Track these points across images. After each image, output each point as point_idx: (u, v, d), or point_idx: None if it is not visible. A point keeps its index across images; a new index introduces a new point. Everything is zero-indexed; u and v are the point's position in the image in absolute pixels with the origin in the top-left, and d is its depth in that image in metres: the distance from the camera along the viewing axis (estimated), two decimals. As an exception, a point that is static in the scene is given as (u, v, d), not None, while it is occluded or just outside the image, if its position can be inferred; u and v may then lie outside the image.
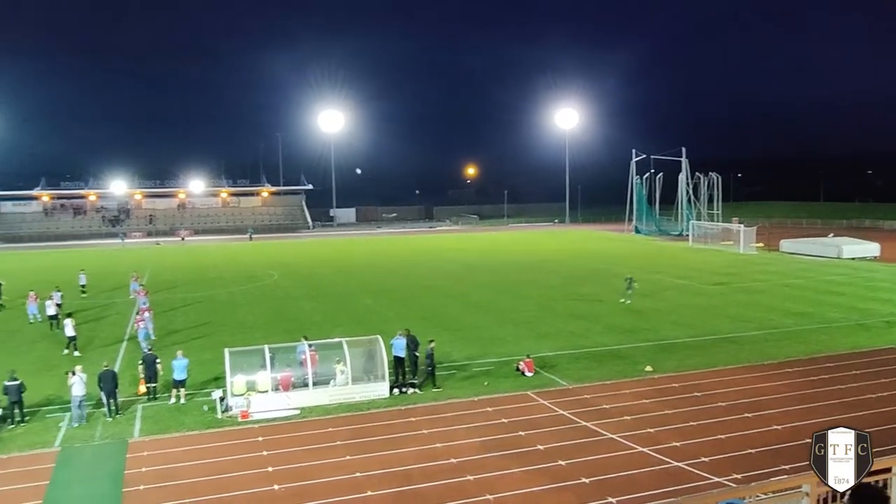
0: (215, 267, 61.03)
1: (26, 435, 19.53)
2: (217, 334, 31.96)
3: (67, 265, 57.97)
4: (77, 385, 20.25)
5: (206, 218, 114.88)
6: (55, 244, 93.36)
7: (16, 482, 16.45)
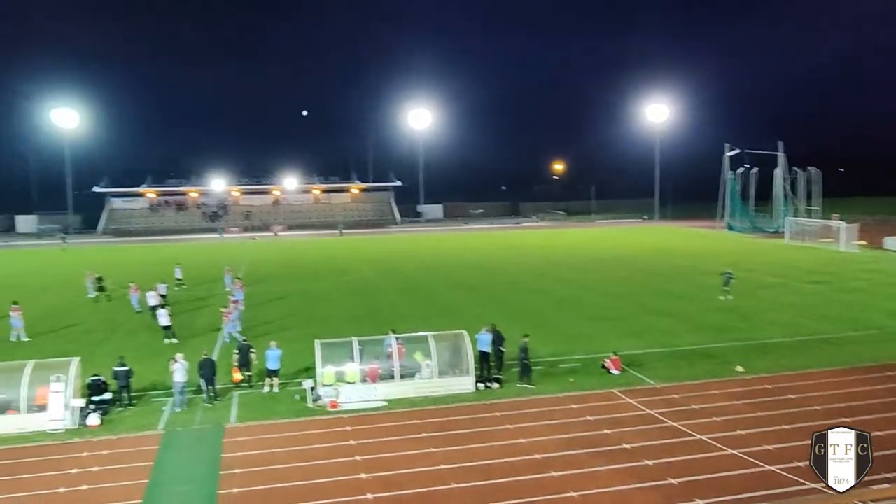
0: (307, 261, 62.87)
1: (134, 417, 20.77)
2: (308, 326, 32.97)
3: (170, 258, 60.89)
4: (179, 372, 21.37)
5: (298, 214, 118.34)
6: (159, 238, 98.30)
7: (125, 461, 17.55)
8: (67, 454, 18.04)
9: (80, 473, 16.77)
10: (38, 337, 31.83)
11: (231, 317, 31.16)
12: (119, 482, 16.31)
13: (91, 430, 19.74)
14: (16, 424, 19.62)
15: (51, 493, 15.72)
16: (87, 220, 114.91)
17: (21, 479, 16.60)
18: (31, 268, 63.18)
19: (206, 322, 34.74)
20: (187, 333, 31.74)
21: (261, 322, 34.35)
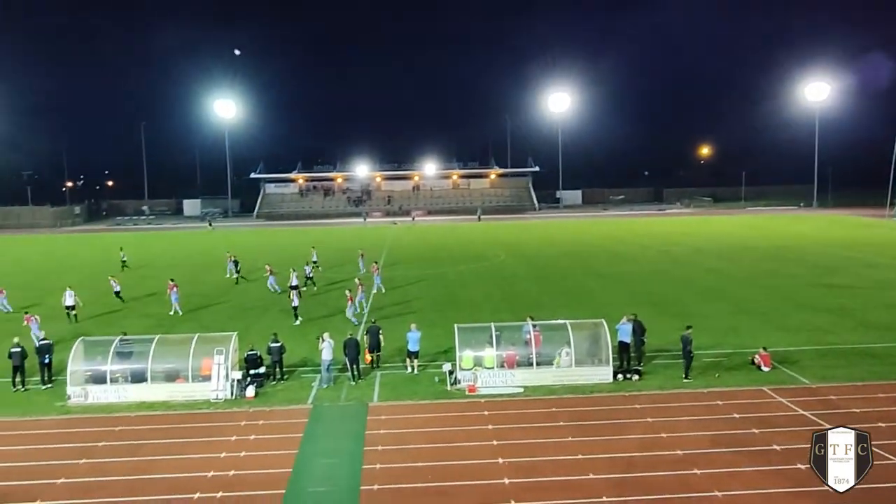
0: (446, 246, 63.94)
1: (285, 391, 22.06)
2: (446, 310, 33.58)
3: (316, 241, 63.83)
4: (326, 350, 22.45)
5: (437, 199, 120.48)
6: (307, 222, 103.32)
7: (277, 432, 18.70)
8: (227, 422, 19.45)
9: (238, 441, 18.05)
10: (195, 312, 34.44)
11: (358, 298, 32.79)
12: (272, 451, 17.41)
13: (248, 400, 21.16)
14: (184, 392, 21.40)
15: (214, 456, 17.02)
16: (245, 204, 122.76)
17: (189, 441, 18.10)
18: (187, 249, 68.31)
19: (339, 304, 36.13)
20: (323, 313, 33.19)
21: (400, 305, 35.38)
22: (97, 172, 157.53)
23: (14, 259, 62.65)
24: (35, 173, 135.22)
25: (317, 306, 33.33)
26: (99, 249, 67.74)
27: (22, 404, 21.33)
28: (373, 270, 41.02)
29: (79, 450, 17.66)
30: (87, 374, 21.89)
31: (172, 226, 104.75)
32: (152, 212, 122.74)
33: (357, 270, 45.60)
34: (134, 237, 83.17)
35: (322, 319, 31.72)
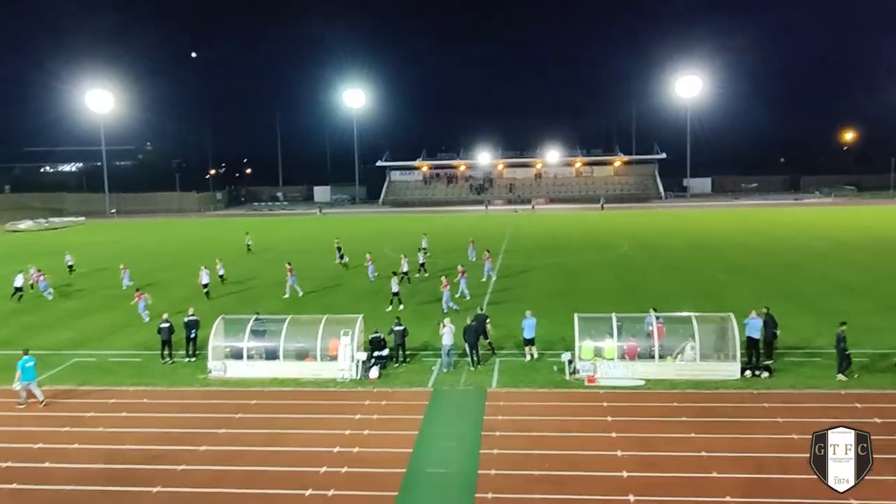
0: (567, 235, 63.34)
1: (407, 374, 22.75)
2: (566, 299, 33.37)
3: (437, 228, 64.99)
4: (447, 335, 22.93)
5: (560, 187, 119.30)
6: (431, 209, 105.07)
7: (398, 413, 19.36)
8: (352, 401, 20.32)
9: (362, 419, 18.83)
10: (321, 294, 35.93)
11: (462, 282, 33.75)
12: (393, 431, 18.04)
13: (371, 381, 21.99)
14: (312, 370, 22.51)
15: (338, 433, 17.86)
16: (371, 191, 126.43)
17: (317, 417, 19.07)
18: (311, 233, 71.16)
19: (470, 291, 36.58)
20: (428, 299, 33.73)
21: (520, 293, 35.48)
22: (237, 161, 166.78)
23: (160, 241, 67.62)
24: (183, 162, 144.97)
25: (424, 292, 34.03)
26: (235, 232, 71.89)
27: (169, 376, 23.15)
28: (484, 258, 41.18)
29: (218, 420, 19.00)
30: (227, 349, 23.45)
31: (304, 211, 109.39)
32: (286, 198, 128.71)
33: (466, 258, 45.98)
34: (267, 222, 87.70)
35: (427, 305, 32.29)
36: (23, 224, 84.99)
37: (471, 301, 32.56)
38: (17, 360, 20.78)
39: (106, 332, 29.45)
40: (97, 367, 24.28)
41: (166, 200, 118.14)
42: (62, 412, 19.93)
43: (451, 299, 31.67)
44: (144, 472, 15.88)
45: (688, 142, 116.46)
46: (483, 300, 33.75)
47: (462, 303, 32.44)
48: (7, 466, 16.34)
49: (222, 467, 16.08)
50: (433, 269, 42.35)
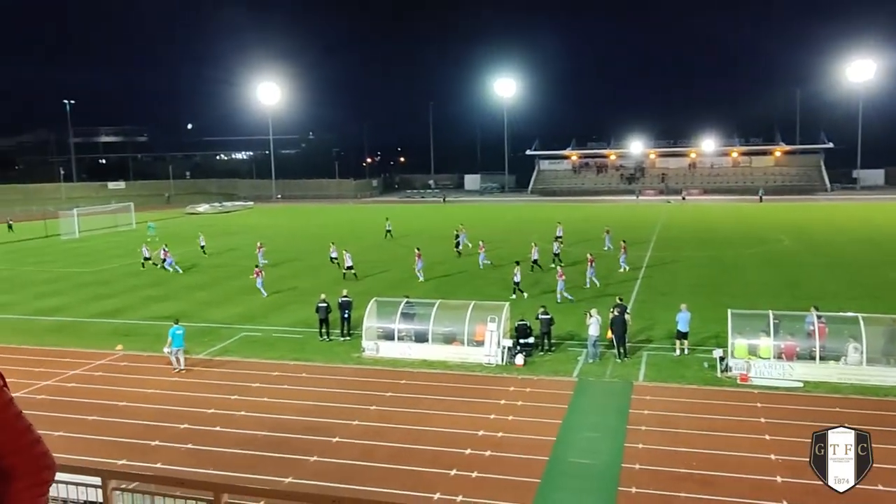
0: (722, 227, 60.50)
1: (552, 363, 22.84)
2: (720, 294, 32.00)
3: (582, 216, 64.10)
4: (593, 325, 22.77)
5: (715, 178, 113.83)
6: (579, 198, 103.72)
7: (542, 401, 19.52)
8: (497, 386, 20.71)
9: (506, 405, 19.17)
10: (471, 280, 36.57)
11: (589, 271, 34.30)
12: (537, 418, 18.23)
13: (517, 368, 22.28)
14: (459, 354, 23.14)
15: (483, 417, 18.30)
16: (520, 179, 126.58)
17: (462, 400, 19.63)
18: (442, 220, 72.23)
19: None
20: (570, 289, 33.33)
21: (668, 285, 34.45)
22: (392, 149, 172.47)
23: (320, 224, 71.31)
24: (341, 150, 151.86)
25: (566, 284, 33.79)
26: (387, 218, 74.52)
27: (326, 353, 24.61)
28: (621, 249, 40.17)
29: (370, 397, 20.02)
30: (379, 330, 24.58)
31: (454, 199, 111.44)
32: (437, 185, 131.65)
33: (602, 248, 45.06)
34: (417, 209, 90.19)
35: (571, 294, 31.99)
36: (200, 207, 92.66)
37: (615, 290, 32.00)
38: (169, 328, 23.20)
39: (270, 309, 31.66)
40: (262, 342, 26.22)
41: (326, 186, 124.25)
42: (232, 381, 21.76)
43: (564, 289, 31.59)
44: (302, 441, 17.07)
45: (859, 130, 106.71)
46: (632, 292, 33.08)
47: (595, 291, 32.39)
48: (185, 428, 18.12)
49: (372, 442, 16.96)
50: (566, 259, 41.91)
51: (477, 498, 14.20)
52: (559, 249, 41.67)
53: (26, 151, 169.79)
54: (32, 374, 22.92)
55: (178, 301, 33.68)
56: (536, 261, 38.48)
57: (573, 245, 47.72)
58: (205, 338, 26.83)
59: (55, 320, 30.54)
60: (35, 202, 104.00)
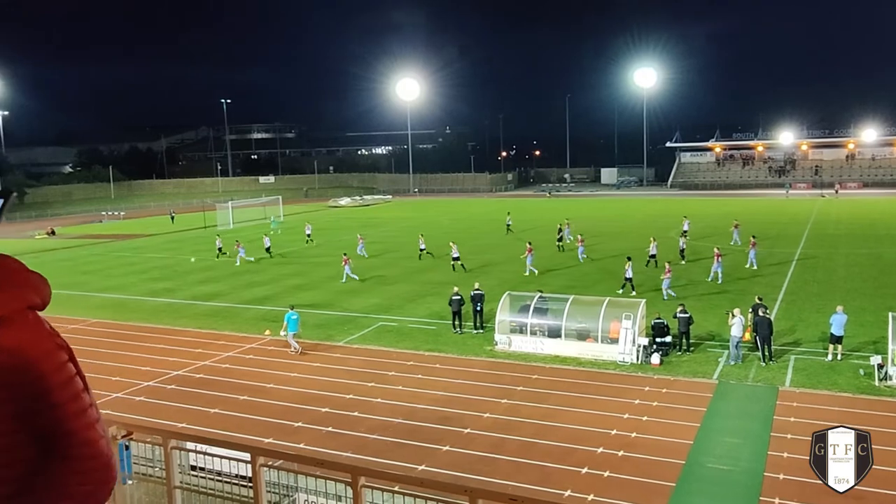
0: (885, 223, 55.81)
1: (690, 363, 22.02)
2: (878, 296, 29.60)
3: (722, 212, 60.93)
4: (736, 326, 21.72)
5: (876, 170, 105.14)
6: (723, 192, 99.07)
7: (679, 402, 18.88)
8: (632, 385, 20.24)
9: (641, 405, 18.70)
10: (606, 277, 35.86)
11: (716, 266, 33.31)
12: (673, 420, 17.66)
13: (652, 367, 21.66)
14: (592, 351, 22.81)
15: (616, 416, 17.96)
16: (659, 172, 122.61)
17: (595, 398, 19.36)
18: (598, 213, 70.75)
19: (767, 278, 34.08)
20: (712, 290, 31.73)
21: (820, 284, 32.23)
22: (527, 143, 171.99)
23: (454, 217, 72.29)
24: (477, 144, 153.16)
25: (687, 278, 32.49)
26: (515, 212, 74.42)
27: (459, 345, 24.99)
28: (750, 245, 37.90)
29: (502, 390, 20.15)
30: (512, 324, 24.66)
31: (590, 193, 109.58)
32: (572, 179, 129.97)
33: (730, 242, 42.76)
34: (549, 203, 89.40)
35: (714, 294, 30.51)
36: (342, 200, 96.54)
37: (742, 287, 30.36)
38: (285, 314, 24.94)
39: (406, 300, 32.51)
40: (398, 332, 27.01)
41: (461, 180, 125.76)
42: (369, 369, 22.59)
43: (670, 286, 30.50)
44: (435, 430, 17.46)
45: None
46: (779, 291, 31.24)
47: (714, 287, 31.48)
48: (325, 412, 19.01)
49: (502, 435, 17.08)
50: (694, 255, 40.28)
51: (608, 498, 13.98)
52: (685, 245, 40.29)
53: (188, 148, 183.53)
54: (192, 354, 24.84)
55: (320, 291, 35.29)
56: (654, 256, 37.55)
57: (700, 240, 45.74)
58: (344, 326, 27.99)
59: (211, 305, 32.87)
60: (195, 195, 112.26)
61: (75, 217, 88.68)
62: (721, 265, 33.60)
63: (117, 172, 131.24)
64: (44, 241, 60.92)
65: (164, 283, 38.82)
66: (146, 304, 33.95)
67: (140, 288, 37.85)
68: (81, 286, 39.04)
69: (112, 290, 37.51)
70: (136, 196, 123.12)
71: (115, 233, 67.60)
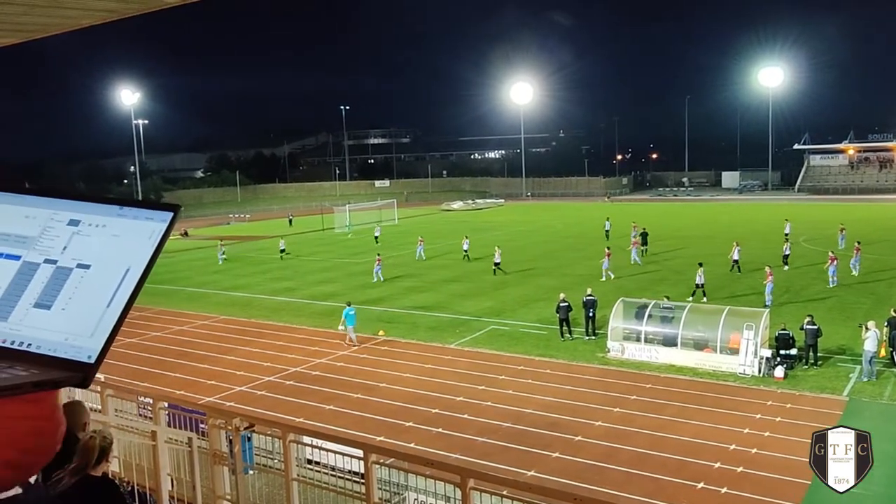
0: None
1: (817, 378, 20.78)
2: None
3: (863, 218, 57.06)
4: (871, 340, 20.31)
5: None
6: (857, 197, 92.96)
7: (804, 419, 17.82)
8: (753, 399, 19.33)
9: (762, 420, 17.82)
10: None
11: (831, 270, 32.40)
12: (798, 437, 16.66)
13: (776, 381, 20.59)
14: (710, 361, 21.94)
15: (735, 430, 17.20)
16: (785, 176, 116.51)
17: (712, 410, 18.62)
18: (693, 219, 67.79)
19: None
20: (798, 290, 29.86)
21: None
22: (643, 146, 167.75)
23: (567, 222, 71.44)
24: (591, 148, 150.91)
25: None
26: (621, 217, 72.58)
27: (570, 350, 24.68)
28: (854, 250, 35.87)
29: (614, 399, 19.74)
30: (626, 331, 24.11)
31: (710, 197, 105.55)
32: (691, 183, 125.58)
33: (836, 247, 40.10)
34: (663, 207, 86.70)
35: (851, 306, 28.53)
36: (455, 204, 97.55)
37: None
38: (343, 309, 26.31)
39: (518, 304, 32.43)
40: (509, 336, 26.98)
41: (575, 184, 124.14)
42: (480, 371, 22.67)
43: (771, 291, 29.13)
44: (544, 436, 17.31)
45: None
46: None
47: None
48: (436, 412, 19.25)
49: (614, 444, 16.72)
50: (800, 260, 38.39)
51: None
52: (789, 250, 38.60)
53: (309, 154, 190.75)
54: (308, 352, 25.81)
55: (435, 293, 35.79)
56: (737, 261, 36.64)
57: (798, 244, 43.00)
58: (457, 328, 28.25)
59: (328, 305, 34.01)
60: (315, 199, 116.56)
61: (206, 219, 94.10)
62: (835, 268, 32.93)
63: (243, 177, 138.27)
64: (178, 242, 65.03)
65: (285, 283, 40.51)
66: (269, 301, 35.57)
67: (264, 287, 39.68)
68: (212, 284, 41.40)
69: (239, 289, 39.53)
70: (260, 199, 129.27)
71: (241, 234, 71.24)
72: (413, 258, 46.86)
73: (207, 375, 23.42)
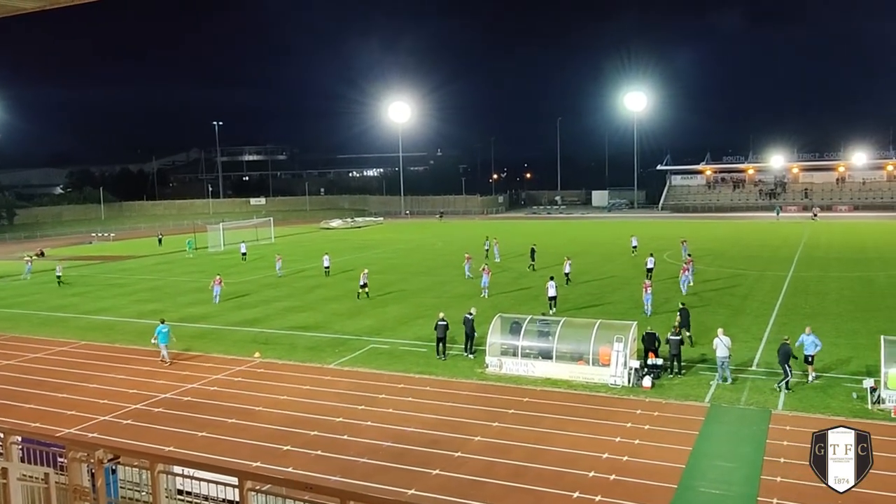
0: (876, 247, 56.17)
1: (681, 386, 21.90)
2: (870, 319, 29.68)
3: (719, 235, 61.20)
4: (721, 347, 21.74)
5: (867, 193, 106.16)
6: (714, 215, 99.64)
7: (671, 426, 18.75)
8: (623, 408, 20.11)
9: (632, 428, 18.56)
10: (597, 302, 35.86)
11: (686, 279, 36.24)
12: (665, 444, 17.53)
13: (644, 390, 21.55)
14: (584, 374, 22.68)
15: (608, 439, 17.82)
16: (650, 195, 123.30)
17: (586, 421, 19.21)
18: (574, 237, 70.83)
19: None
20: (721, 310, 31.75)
21: (812, 308, 32.29)
22: (518, 165, 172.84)
23: (447, 240, 72.34)
24: (468, 167, 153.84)
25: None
26: (486, 237, 74.52)
27: (450, 367, 24.77)
28: (682, 270, 38.63)
29: (492, 413, 19.98)
30: (503, 346, 24.53)
31: (580, 215, 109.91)
32: (563, 202, 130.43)
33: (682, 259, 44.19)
34: (539, 225, 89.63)
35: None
36: (334, 222, 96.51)
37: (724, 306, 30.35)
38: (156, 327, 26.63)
39: (397, 322, 32.34)
40: (389, 354, 26.82)
41: (452, 203, 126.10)
42: (360, 391, 22.37)
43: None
44: (424, 454, 17.26)
45: None
46: (770, 314, 31.28)
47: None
48: (315, 435, 18.79)
49: (493, 459, 16.90)
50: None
51: (600, 523, 13.80)
52: (653, 263, 41.58)
53: (179, 170, 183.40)
54: (180, 377, 24.57)
55: (314, 312, 35.10)
56: (567, 274, 40.33)
57: (670, 258, 45.92)
58: (336, 348, 27.79)
59: (200, 327, 32.61)
60: (186, 217, 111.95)
61: (66, 238, 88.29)
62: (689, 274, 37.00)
63: (108, 194, 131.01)
64: (34, 262, 60.52)
65: (152, 305, 38.53)
66: (134, 325, 33.66)
67: (129, 310, 37.55)
68: (70, 308, 38.72)
69: (101, 312, 37.20)
70: (126, 217, 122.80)
71: (105, 254, 67.27)
72: (286, 276, 46.10)
73: (67, 405, 21.81)
